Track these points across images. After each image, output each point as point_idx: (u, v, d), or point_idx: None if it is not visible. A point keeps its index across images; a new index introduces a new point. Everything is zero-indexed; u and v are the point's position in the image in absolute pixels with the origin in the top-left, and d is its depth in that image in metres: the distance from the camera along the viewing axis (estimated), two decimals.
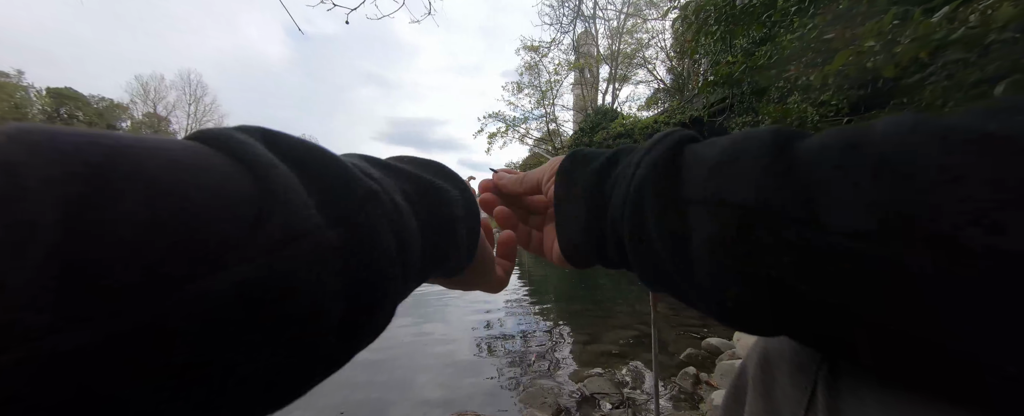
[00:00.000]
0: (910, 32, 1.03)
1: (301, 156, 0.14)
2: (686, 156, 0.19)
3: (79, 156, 0.09)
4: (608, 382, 1.82)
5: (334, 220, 0.13)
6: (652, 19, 16.27)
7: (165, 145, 0.11)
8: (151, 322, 0.09)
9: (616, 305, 3.45)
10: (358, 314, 0.14)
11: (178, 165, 0.11)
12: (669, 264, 0.19)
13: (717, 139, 0.19)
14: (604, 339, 2.51)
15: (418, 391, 1.78)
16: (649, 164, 0.20)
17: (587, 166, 0.25)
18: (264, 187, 0.12)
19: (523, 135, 19.46)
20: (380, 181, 0.16)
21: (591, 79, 20.20)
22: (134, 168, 0.10)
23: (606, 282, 4.86)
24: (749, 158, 0.16)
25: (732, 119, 6.36)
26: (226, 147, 0.12)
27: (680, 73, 14.53)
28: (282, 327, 0.11)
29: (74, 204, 0.09)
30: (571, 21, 19.03)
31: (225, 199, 0.11)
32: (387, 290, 0.15)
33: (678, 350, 2.21)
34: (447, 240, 0.19)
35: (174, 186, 0.10)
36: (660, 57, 16.73)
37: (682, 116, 8.13)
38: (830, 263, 0.13)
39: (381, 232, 0.14)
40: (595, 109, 17.47)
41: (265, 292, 0.11)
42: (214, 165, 0.12)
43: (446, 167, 0.23)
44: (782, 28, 1.83)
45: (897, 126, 0.13)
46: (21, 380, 0.08)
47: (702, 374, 1.85)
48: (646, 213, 0.19)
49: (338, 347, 0.14)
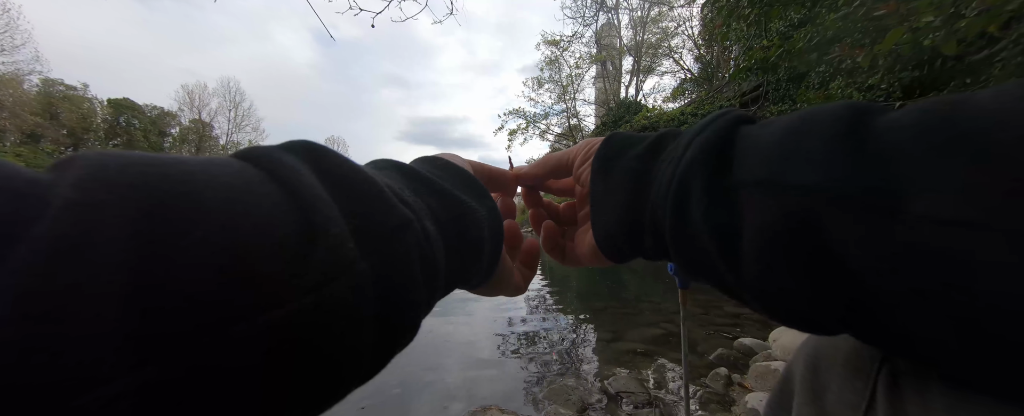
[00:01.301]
0: (977, 4, 0.92)
1: (341, 179, 0.15)
2: (742, 136, 0.18)
3: (150, 192, 0.10)
4: (634, 381, 1.78)
5: (368, 251, 0.14)
6: (679, 5, 15.61)
7: (219, 172, 0.12)
8: (205, 362, 0.09)
9: (641, 302, 3.38)
10: (387, 335, 0.15)
11: (232, 196, 0.11)
12: (715, 255, 0.17)
13: (779, 118, 0.17)
14: (629, 337, 2.46)
15: (440, 385, 1.82)
16: (699, 146, 0.18)
17: (627, 152, 0.23)
18: (309, 220, 0.12)
19: (543, 131, 19.35)
20: (412, 207, 0.16)
21: (613, 72, 19.72)
22: (196, 204, 0.10)
23: (630, 279, 4.76)
24: (816, 134, 0.14)
25: (766, 108, 6.00)
26: (275, 173, 0.13)
27: (709, 62, 13.89)
28: (324, 354, 0.12)
29: (144, 247, 0.09)
30: (594, 13, 18.63)
31: (275, 237, 0.11)
32: (414, 313, 0.16)
33: (708, 350, 2.13)
34: (471, 261, 0.20)
35: (230, 219, 0.11)
36: (687, 46, 16.06)
37: (711, 106, 7.77)
38: (919, 255, 0.12)
39: (412, 262, 0.15)
40: (618, 102, 17.06)
41: (310, 325, 0.12)
42: (264, 196, 0.12)
43: (474, 178, 0.23)
44: (824, 7, 1.69)
45: (1004, 96, 0.12)
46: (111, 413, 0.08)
47: (734, 375, 1.77)
48: (691, 198, 0.18)
49: (370, 364, 0.15)
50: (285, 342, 0.11)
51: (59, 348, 0.08)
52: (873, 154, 0.13)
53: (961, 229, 0.11)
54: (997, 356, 0.11)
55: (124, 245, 0.09)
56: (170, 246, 0.09)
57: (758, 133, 0.17)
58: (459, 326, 2.69)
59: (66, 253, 0.08)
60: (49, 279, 0.08)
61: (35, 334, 0.08)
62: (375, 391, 1.70)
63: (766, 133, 0.16)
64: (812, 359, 0.21)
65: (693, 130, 0.20)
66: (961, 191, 0.11)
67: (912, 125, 0.13)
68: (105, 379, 0.08)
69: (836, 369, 0.19)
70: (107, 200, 0.09)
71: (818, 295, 0.14)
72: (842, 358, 0.19)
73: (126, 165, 0.10)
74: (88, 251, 0.08)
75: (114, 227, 0.09)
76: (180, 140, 30.29)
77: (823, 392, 0.19)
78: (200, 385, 0.09)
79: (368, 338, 0.14)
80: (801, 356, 0.22)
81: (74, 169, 0.10)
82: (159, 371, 0.09)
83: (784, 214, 0.14)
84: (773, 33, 2.82)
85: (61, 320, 0.08)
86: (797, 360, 0.23)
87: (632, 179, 0.22)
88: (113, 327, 0.08)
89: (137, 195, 0.10)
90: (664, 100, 16.30)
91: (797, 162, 0.14)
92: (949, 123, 0.12)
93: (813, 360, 0.21)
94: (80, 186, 0.09)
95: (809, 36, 1.87)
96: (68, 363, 0.08)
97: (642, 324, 2.71)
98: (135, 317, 0.09)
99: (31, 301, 0.08)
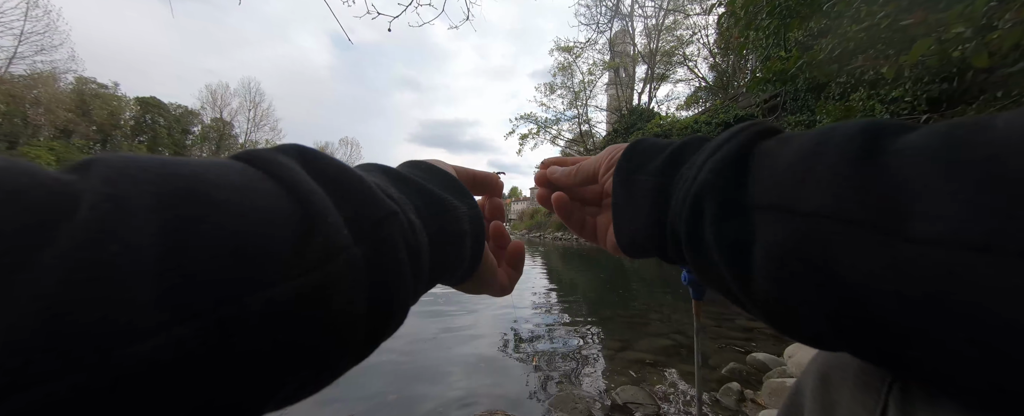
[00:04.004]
0: (1011, 15, 0.89)
1: (332, 176, 0.16)
2: (760, 154, 0.18)
3: (167, 186, 0.11)
4: (642, 392, 1.75)
5: (359, 237, 0.15)
6: (694, 14, 15.51)
7: (224, 172, 0.13)
8: (229, 323, 0.11)
9: (650, 312, 3.32)
10: (378, 318, 0.16)
11: (238, 189, 0.13)
12: (726, 274, 0.18)
13: (796, 135, 0.17)
14: (637, 347, 2.42)
15: (444, 390, 1.81)
16: (712, 168, 0.19)
17: (647, 164, 0.24)
18: (306, 210, 0.14)
19: (554, 136, 19.35)
20: (397, 200, 0.18)
21: (626, 79, 19.65)
22: (207, 196, 0.12)
23: (639, 287, 4.69)
24: (828, 157, 0.14)
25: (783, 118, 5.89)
26: (272, 172, 0.14)
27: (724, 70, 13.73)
28: (326, 325, 0.13)
29: (169, 227, 0.11)
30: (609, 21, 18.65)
31: (278, 223, 0.13)
32: (402, 298, 0.17)
33: (720, 363, 2.08)
34: (454, 253, 0.21)
35: (239, 208, 0.12)
36: (702, 54, 15.91)
37: (726, 115, 7.67)
38: (928, 279, 0.11)
39: (398, 248, 0.16)
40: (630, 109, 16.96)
41: (314, 300, 0.13)
42: (265, 190, 0.13)
43: (456, 180, 0.24)
44: (846, 18, 1.66)
45: (1020, 120, 0.11)
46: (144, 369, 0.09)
47: (747, 391, 1.72)
48: (704, 220, 0.18)
49: (363, 344, 0.16)
50: (292, 312, 0.12)
51: (105, 309, 0.09)
52: (884, 178, 0.13)
53: (972, 253, 0.11)
54: (1011, 380, 0.11)
55: (152, 229, 0.10)
56: (190, 231, 0.11)
57: (776, 151, 0.17)
58: (465, 328, 2.69)
59: (105, 233, 0.10)
60: (94, 253, 0.09)
61: (85, 299, 0.09)
62: (378, 395, 1.71)
63: (784, 153, 0.17)
64: (822, 374, 0.21)
65: (713, 145, 0.20)
66: (973, 214, 0.11)
67: (925, 147, 0.13)
68: (147, 333, 0.09)
69: (847, 384, 0.19)
70: (133, 192, 0.11)
71: (828, 318, 0.14)
72: (853, 373, 0.18)
73: (144, 166, 0.12)
74: (123, 232, 0.10)
75: (142, 214, 0.10)
76: (201, 138, 31.27)
77: (833, 408, 0.19)
78: (223, 345, 0.11)
79: (362, 318, 0.15)
80: (811, 370, 0.22)
81: (98, 169, 0.11)
82: (189, 330, 0.10)
83: (794, 238, 0.14)
84: (792, 43, 2.77)
85: (106, 285, 0.09)
86: (807, 374, 0.23)
87: (652, 194, 0.22)
88: (148, 293, 0.10)
89: (158, 189, 0.11)
90: (677, 108, 16.14)
91: (809, 187, 0.15)
92: (963, 146, 0.12)
93: (823, 375, 0.21)
94: (110, 181, 0.11)
95: (830, 47, 1.84)
96: (117, 319, 0.09)
97: (651, 334, 2.67)
98: (166, 284, 0.10)
99: (80, 270, 0.09)
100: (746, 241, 0.16)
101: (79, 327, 0.09)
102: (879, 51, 1.50)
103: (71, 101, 23.34)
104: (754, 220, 0.16)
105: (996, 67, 1.03)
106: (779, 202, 0.15)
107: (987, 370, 0.11)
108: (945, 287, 0.11)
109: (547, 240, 15.45)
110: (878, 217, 0.13)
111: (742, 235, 0.16)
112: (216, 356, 0.10)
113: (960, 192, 0.11)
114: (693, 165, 0.20)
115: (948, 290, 0.11)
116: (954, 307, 0.11)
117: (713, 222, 0.18)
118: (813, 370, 0.22)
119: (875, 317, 0.13)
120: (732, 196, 0.17)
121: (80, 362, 0.08)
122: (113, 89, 26.30)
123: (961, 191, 0.11)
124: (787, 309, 0.15)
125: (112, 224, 0.10)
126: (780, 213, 0.15)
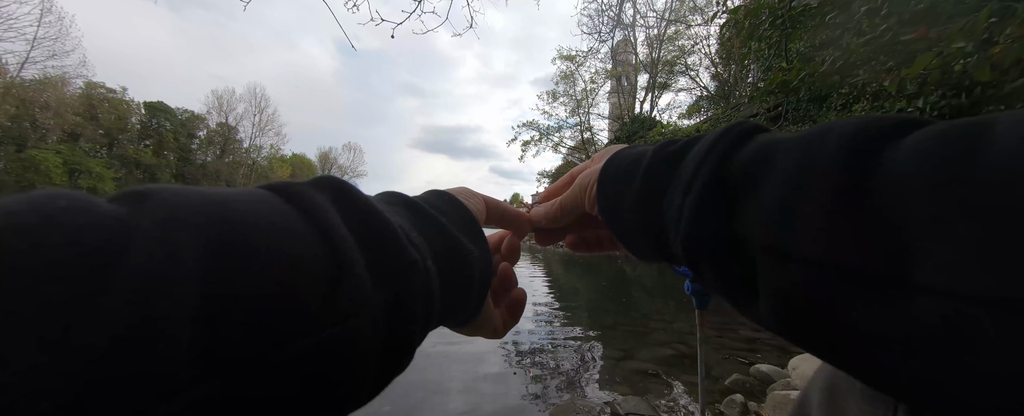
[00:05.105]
0: (1012, 31, 0.90)
1: (361, 220, 0.16)
2: (737, 175, 0.17)
3: (214, 230, 0.12)
4: (644, 403, 1.72)
5: (380, 285, 0.15)
6: (696, 25, 15.66)
7: (265, 212, 0.14)
8: (252, 376, 0.11)
9: (652, 321, 3.29)
10: (390, 362, 0.16)
11: (276, 235, 0.13)
12: (731, 298, 0.18)
13: (774, 145, 0.16)
14: (639, 356, 2.39)
15: (444, 401, 1.79)
16: (692, 214, 0.17)
17: (623, 199, 0.23)
18: (337, 260, 0.14)
19: (556, 144, 19.40)
20: (419, 248, 0.18)
21: (628, 87, 19.75)
22: (251, 244, 0.12)
23: (640, 296, 4.64)
24: (815, 193, 0.14)
25: (785, 128, 5.90)
26: (308, 213, 0.15)
27: (726, 80, 13.80)
28: (342, 377, 0.14)
29: (212, 278, 0.11)
30: (611, 30, 18.82)
31: (311, 274, 0.13)
32: (412, 342, 0.18)
33: (723, 375, 2.05)
34: (461, 299, 0.21)
35: (277, 257, 0.13)
36: (704, 64, 16.02)
37: None
38: (935, 334, 0.11)
39: (416, 298, 0.17)
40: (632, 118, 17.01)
41: (334, 353, 0.13)
42: (300, 237, 0.14)
43: (475, 222, 0.24)
44: (848, 31, 1.68)
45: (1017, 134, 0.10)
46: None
47: (751, 403, 1.69)
48: (702, 266, 0.18)
49: (373, 385, 0.16)
50: (312, 363, 0.13)
51: (149, 366, 0.09)
52: (876, 221, 0.12)
53: (977, 306, 0.10)
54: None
55: (199, 277, 0.11)
56: (230, 283, 0.11)
57: (759, 175, 0.16)
58: (462, 339, 2.66)
59: (155, 283, 0.10)
60: (145, 309, 0.10)
61: (132, 356, 0.09)
62: (380, 408, 1.69)
63: (769, 179, 0.15)
64: (829, 385, 0.20)
65: (687, 175, 0.18)
66: (974, 263, 0.10)
67: (917, 173, 0.12)
68: (180, 388, 0.10)
69: (854, 396, 0.18)
70: (182, 239, 0.11)
71: (836, 356, 0.14)
72: (860, 385, 0.18)
73: (195, 209, 0.12)
74: (171, 284, 0.10)
75: (190, 263, 0.11)
76: (206, 142, 31.53)
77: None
78: (242, 397, 0.11)
79: (375, 364, 0.15)
80: (818, 381, 0.22)
81: (152, 205, 0.12)
82: (224, 384, 0.11)
83: (793, 281, 0.14)
84: (793, 54, 2.79)
85: (153, 344, 0.10)
86: (814, 385, 0.23)
87: (643, 230, 0.22)
88: (187, 353, 0.10)
89: (206, 236, 0.12)
90: (679, 116, 16.17)
91: (801, 232, 0.14)
92: (961, 175, 0.11)
93: (830, 386, 0.20)
94: (163, 225, 0.11)
95: (832, 59, 1.86)
96: (157, 373, 0.10)
97: (653, 344, 2.64)
98: (203, 343, 0.10)
99: (132, 328, 0.09)
100: (748, 276, 0.16)
101: (124, 384, 0.09)
102: (881, 63, 1.51)
103: (80, 105, 23.62)
104: (751, 258, 0.16)
105: (1001, 81, 1.04)
106: (774, 244, 0.15)
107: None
108: (955, 339, 0.11)
109: (548, 248, 15.29)
110: (875, 266, 0.12)
111: (742, 271, 0.16)
112: (234, 407, 0.11)
113: (962, 237, 0.11)
114: (672, 205, 0.19)
115: (959, 342, 0.11)
116: (968, 361, 0.10)
117: (710, 268, 0.18)
118: (819, 381, 0.22)
119: (883, 364, 0.13)
120: (723, 241, 0.17)
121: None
122: (121, 94, 26.66)
123: (963, 236, 0.11)
124: (796, 338, 0.15)
125: (160, 277, 0.10)
126: (778, 257, 0.15)
